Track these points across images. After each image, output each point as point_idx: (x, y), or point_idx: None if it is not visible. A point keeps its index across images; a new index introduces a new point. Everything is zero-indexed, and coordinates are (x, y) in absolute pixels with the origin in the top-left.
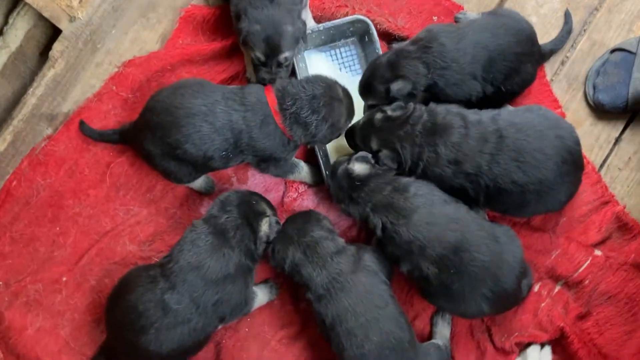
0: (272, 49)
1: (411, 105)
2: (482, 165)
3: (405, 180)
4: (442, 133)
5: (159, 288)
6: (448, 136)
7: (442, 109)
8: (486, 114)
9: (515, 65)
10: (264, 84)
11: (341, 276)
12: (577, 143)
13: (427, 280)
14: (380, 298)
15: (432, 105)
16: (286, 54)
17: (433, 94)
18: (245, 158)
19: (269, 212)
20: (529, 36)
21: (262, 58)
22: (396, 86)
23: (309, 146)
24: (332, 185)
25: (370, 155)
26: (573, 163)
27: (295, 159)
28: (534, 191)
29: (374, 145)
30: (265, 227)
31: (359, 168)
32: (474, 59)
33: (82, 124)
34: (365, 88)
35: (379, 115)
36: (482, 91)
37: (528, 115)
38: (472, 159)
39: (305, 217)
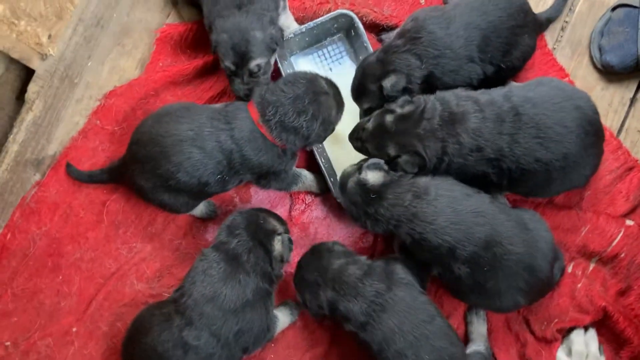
0: (241, 57)
1: (419, 97)
2: (503, 148)
3: (423, 182)
4: (462, 121)
5: (175, 326)
6: (467, 123)
7: (450, 96)
8: (497, 92)
9: (511, 39)
10: (240, 96)
11: (378, 297)
12: (596, 112)
13: (459, 280)
14: (425, 311)
15: (438, 93)
16: (257, 61)
17: (431, 85)
18: (243, 177)
19: (279, 228)
20: (521, 7)
21: (232, 67)
22: (389, 82)
23: (307, 149)
24: (344, 201)
25: (382, 161)
26: (595, 134)
27: (297, 169)
28: (559, 168)
29: (392, 151)
30: (278, 246)
31: (372, 177)
32: (467, 41)
33: (68, 166)
34: (358, 90)
35: (389, 117)
36: (482, 72)
37: (541, 88)
38: (492, 143)
39: (316, 255)
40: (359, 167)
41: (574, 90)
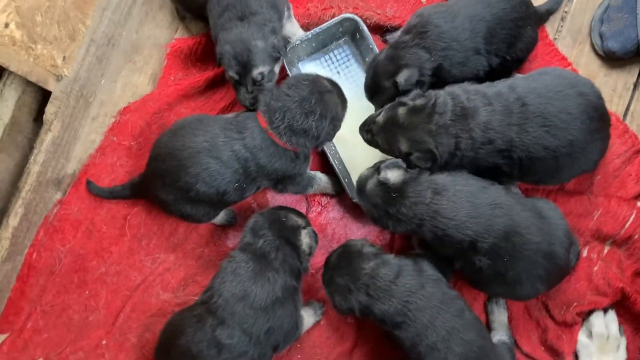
0: (244, 66)
1: (431, 92)
2: (514, 138)
3: (441, 178)
4: (474, 115)
5: (208, 325)
6: (478, 117)
7: (460, 91)
8: (502, 84)
9: (515, 31)
10: (246, 105)
11: (412, 296)
12: (600, 97)
13: (480, 272)
14: (455, 306)
15: (448, 88)
16: (260, 70)
17: (440, 78)
18: (261, 184)
19: (302, 222)
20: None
21: (236, 77)
22: (403, 76)
23: (319, 149)
24: (364, 205)
25: (400, 160)
26: (600, 119)
27: (311, 172)
28: (566, 154)
29: (404, 147)
30: (306, 239)
31: (393, 176)
32: (473, 33)
33: (89, 184)
34: (372, 89)
35: (402, 110)
36: (488, 64)
37: (545, 77)
38: (503, 134)
39: (346, 257)
40: (376, 169)
41: (577, 77)
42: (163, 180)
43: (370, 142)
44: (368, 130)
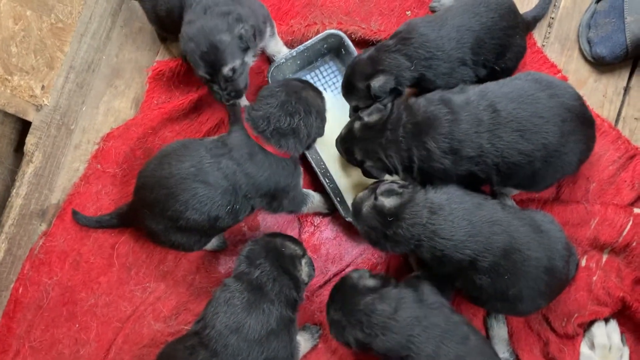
0: (212, 65)
1: (388, 106)
2: (484, 145)
3: (437, 197)
4: (428, 129)
5: (200, 359)
6: (435, 130)
7: (421, 101)
8: (473, 91)
9: (504, 41)
10: (219, 99)
11: (414, 329)
12: (575, 98)
13: (480, 290)
14: (460, 332)
15: (410, 100)
16: (230, 66)
17: (423, 88)
18: (254, 203)
19: (300, 251)
20: (510, 8)
21: (207, 77)
22: (377, 82)
23: (308, 150)
24: (361, 227)
25: (395, 186)
26: (575, 120)
27: (304, 189)
28: (540, 158)
29: (358, 156)
30: (305, 268)
31: (389, 202)
32: (459, 43)
33: (75, 213)
34: (347, 88)
35: (357, 125)
36: (475, 75)
37: (517, 82)
38: (470, 142)
39: (340, 291)
40: (372, 190)
41: (551, 80)
42: (152, 210)
43: (339, 151)
44: (337, 141)
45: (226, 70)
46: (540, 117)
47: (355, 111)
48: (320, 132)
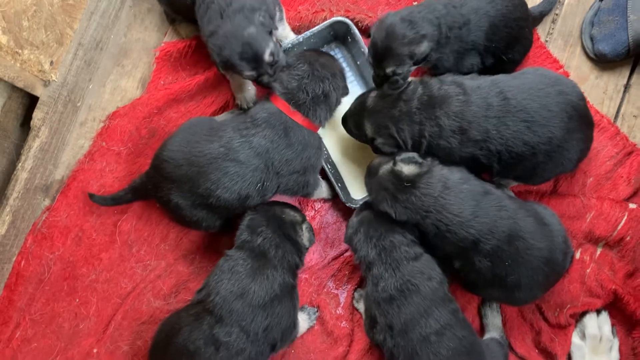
0: (255, 60)
1: (407, 80)
2: (490, 130)
3: (451, 174)
4: (442, 104)
5: (205, 323)
6: (448, 106)
7: (435, 81)
8: (484, 79)
9: (516, 31)
10: (268, 87)
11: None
12: (581, 98)
13: (478, 273)
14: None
15: (425, 77)
16: (268, 51)
17: (436, 69)
18: (283, 181)
19: (299, 217)
20: (522, 0)
21: (254, 73)
22: (423, 47)
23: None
24: (371, 183)
25: (416, 155)
26: (579, 119)
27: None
28: (544, 151)
29: (369, 131)
30: (307, 234)
31: (408, 169)
32: (475, 26)
33: (92, 196)
34: (385, 53)
35: (373, 94)
36: (482, 63)
37: (527, 76)
38: (477, 125)
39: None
40: (391, 159)
41: (559, 77)
42: (180, 186)
43: (345, 128)
44: (344, 117)
45: (267, 56)
46: (549, 111)
47: (383, 81)
48: (346, 91)
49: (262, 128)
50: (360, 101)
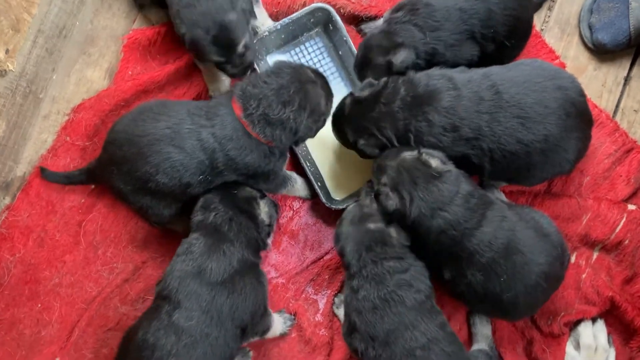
0: (227, 47)
1: (382, 80)
2: (482, 127)
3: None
4: (430, 101)
5: (164, 312)
6: (438, 102)
7: (421, 76)
8: (476, 72)
9: (519, 13)
10: (233, 77)
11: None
12: (581, 94)
13: (468, 287)
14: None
15: (409, 74)
16: (242, 43)
17: (435, 63)
18: (228, 178)
19: (255, 193)
20: None
21: (222, 59)
22: (400, 57)
23: (297, 145)
24: (388, 167)
25: (443, 155)
26: (578, 116)
27: (287, 171)
28: (539, 150)
29: (350, 137)
30: (265, 208)
31: (434, 162)
32: (467, 14)
33: (43, 170)
34: (363, 64)
35: (348, 100)
36: (482, 51)
37: (523, 67)
38: (470, 122)
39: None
40: (418, 149)
41: (558, 70)
42: (120, 168)
43: (337, 139)
44: (332, 128)
45: (240, 47)
46: (545, 107)
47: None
48: (310, 134)
49: (213, 125)
50: (339, 107)
